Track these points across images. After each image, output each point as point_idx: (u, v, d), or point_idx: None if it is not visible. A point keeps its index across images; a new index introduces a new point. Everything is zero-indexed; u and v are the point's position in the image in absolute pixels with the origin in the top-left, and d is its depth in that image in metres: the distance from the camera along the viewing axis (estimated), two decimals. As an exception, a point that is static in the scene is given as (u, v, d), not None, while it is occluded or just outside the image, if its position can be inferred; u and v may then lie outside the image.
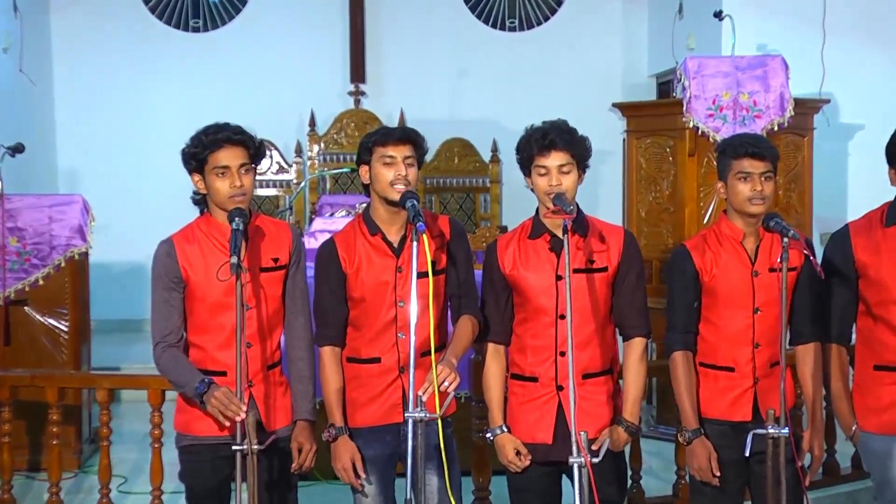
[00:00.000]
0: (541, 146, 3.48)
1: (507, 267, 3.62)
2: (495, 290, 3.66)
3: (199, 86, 10.17)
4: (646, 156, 6.63)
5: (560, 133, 3.50)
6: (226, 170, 3.43)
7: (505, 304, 3.66)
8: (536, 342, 3.59)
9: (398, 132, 3.55)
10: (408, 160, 3.52)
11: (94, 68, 10.13)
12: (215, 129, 3.46)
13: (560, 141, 3.48)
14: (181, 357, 3.51)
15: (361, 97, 10.33)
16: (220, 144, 3.42)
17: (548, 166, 3.48)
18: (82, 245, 6.15)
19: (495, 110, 10.39)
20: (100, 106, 10.12)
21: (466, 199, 10.34)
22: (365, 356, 3.62)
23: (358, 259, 3.59)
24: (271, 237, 3.59)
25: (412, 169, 3.53)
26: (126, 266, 9.74)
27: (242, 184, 3.44)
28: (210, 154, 3.43)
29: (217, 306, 3.49)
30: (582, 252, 3.56)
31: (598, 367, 3.59)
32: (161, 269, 3.51)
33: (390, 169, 3.51)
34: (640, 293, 3.64)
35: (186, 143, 3.50)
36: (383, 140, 3.53)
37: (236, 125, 3.51)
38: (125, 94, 10.15)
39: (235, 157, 3.44)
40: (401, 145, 3.53)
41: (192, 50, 10.28)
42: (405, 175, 3.50)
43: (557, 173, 3.48)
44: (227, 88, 10.13)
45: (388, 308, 3.57)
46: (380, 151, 3.53)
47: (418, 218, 3.26)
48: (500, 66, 10.55)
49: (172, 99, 10.11)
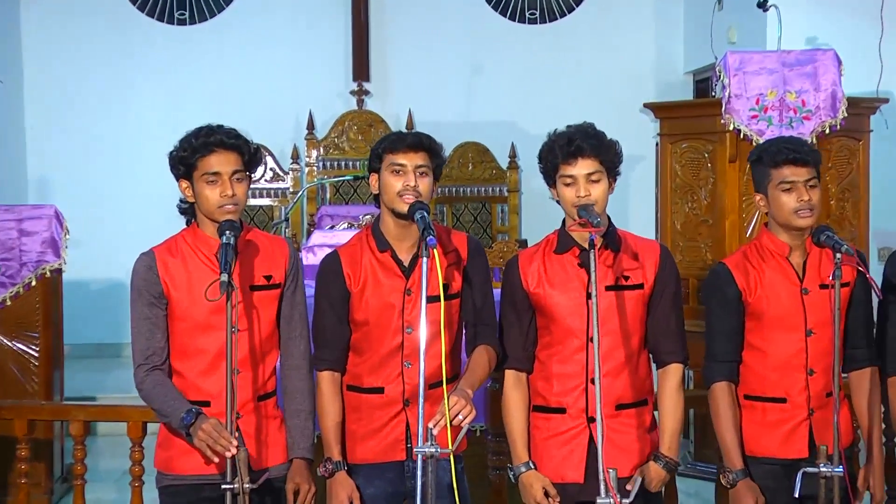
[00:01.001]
0: (566, 153, 3.47)
1: (530, 284, 3.60)
2: (517, 311, 3.65)
3: (186, 84, 10.20)
4: (681, 162, 6.62)
5: (587, 138, 3.49)
6: (216, 177, 3.43)
7: (528, 326, 3.65)
8: (564, 369, 3.57)
9: (410, 138, 3.54)
10: (420, 169, 3.52)
11: (68, 65, 10.16)
12: (207, 131, 3.46)
13: (587, 147, 3.47)
14: (166, 382, 3.50)
15: (365, 97, 10.36)
16: (212, 149, 3.42)
17: (574, 175, 3.47)
18: (55, 261, 6.16)
19: (513, 112, 10.39)
20: (74, 107, 10.15)
21: (482, 210, 10.34)
22: (367, 385, 3.60)
23: (364, 277, 3.59)
24: (265, 253, 3.58)
25: (425, 179, 3.52)
26: (104, 284, 9.76)
27: (234, 193, 3.44)
28: (200, 159, 3.43)
29: (201, 327, 3.48)
30: (613, 268, 3.54)
31: (632, 396, 3.57)
32: (141, 283, 3.51)
33: (399, 178, 3.51)
34: (677, 315, 3.63)
35: (175, 145, 3.50)
36: (393, 146, 3.53)
37: (230, 128, 3.51)
38: (102, 94, 10.18)
39: (228, 163, 3.44)
40: (412, 153, 3.52)
41: (177, 45, 10.31)
42: (415, 185, 3.49)
43: (585, 183, 3.47)
44: (217, 87, 10.16)
45: (394, 334, 3.56)
46: (389, 159, 3.53)
47: (428, 231, 3.25)
48: (519, 62, 10.56)
49: (155, 99, 10.14)
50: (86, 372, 8.73)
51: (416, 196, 3.48)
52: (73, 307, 7.28)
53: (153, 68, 10.26)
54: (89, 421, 5.16)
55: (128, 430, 4.87)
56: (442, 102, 10.36)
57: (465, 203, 10.32)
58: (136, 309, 3.52)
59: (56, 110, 10.15)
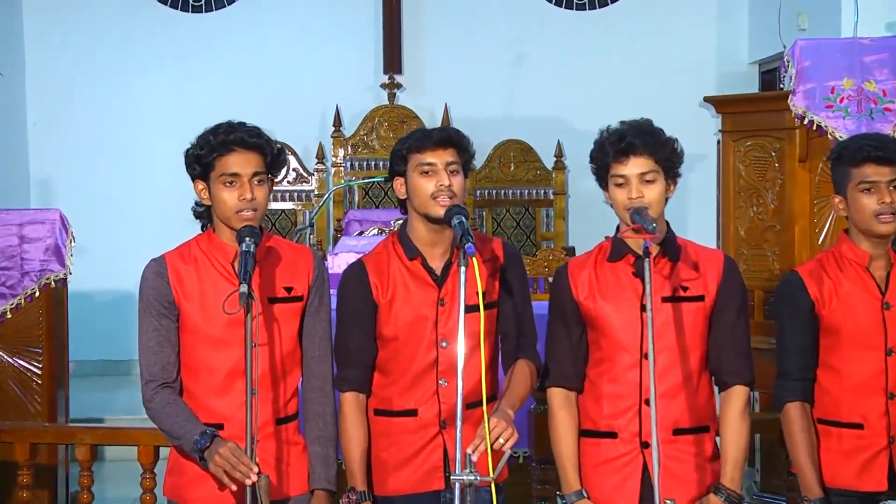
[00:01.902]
0: (617, 151, 3.47)
1: (581, 295, 3.60)
2: (566, 324, 3.64)
3: (201, 78, 10.24)
4: (746, 161, 6.58)
5: (641, 134, 3.48)
6: (235, 178, 3.43)
7: (578, 340, 3.64)
8: (615, 389, 3.55)
9: (437, 134, 3.54)
10: (451, 167, 3.52)
11: (74, 57, 10.22)
12: (227, 128, 3.47)
13: (640, 144, 3.46)
14: (178, 401, 3.50)
15: (397, 91, 10.38)
16: (231, 148, 3.43)
17: (626, 175, 3.47)
18: (60, 270, 6.19)
19: (560, 107, 10.38)
20: (80, 102, 10.22)
21: (525, 215, 10.34)
22: (398, 408, 3.59)
23: (392, 287, 3.58)
24: (287, 263, 3.58)
25: (457, 177, 3.52)
26: (113, 296, 9.82)
27: (254, 196, 3.44)
28: (217, 158, 3.43)
29: (213, 343, 3.49)
30: (670, 278, 3.53)
31: (690, 420, 3.55)
32: (150, 291, 3.51)
33: (430, 179, 3.50)
34: (742, 331, 3.61)
35: (192, 143, 3.51)
36: (420, 145, 3.52)
37: (252, 126, 3.51)
38: (111, 88, 10.23)
39: (248, 163, 3.44)
40: (441, 150, 3.51)
41: (192, 34, 10.36)
42: (449, 185, 3.49)
43: (638, 183, 3.46)
44: (235, 81, 10.20)
45: (427, 349, 3.56)
46: (416, 159, 3.53)
47: (467, 238, 3.24)
48: (566, 52, 10.54)
49: (168, 93, 10.19)
50: (93, 391, 8.77)
51: (451, 196, 3.48)
52: (79, 320, 7.32)
53: (165, 59, 10.30)
54: (96, 445, 5.18)
55: (138, 455, 4.89)
56: (481, 96, 10.37)
57: (506, 207, 10.31)
58: (145, 320, 3.53)
59: (61, 106, 10.21)
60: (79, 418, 6.96)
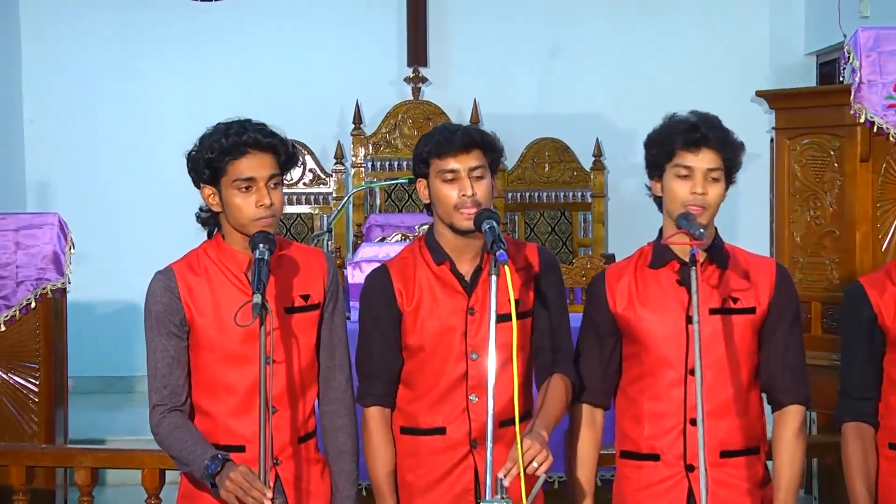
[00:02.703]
0: (689, 140, 3.48)
1: (618, 305, 3.62)
2: (599, 336, 3.66)
3: (211, 71, 10.27)
4: (802, 161, 6.56)
5: (714, 128, 3.51)
6: (251, 183, 3.44)
7: (610, 354, 3.66)
8: (657, 407, 3.56)
9: (459, 137, 3.53)
10: (475, 172, 3.52)
11: (73, 49, 10.23)
12: (238, 128, 3.46)
13: (714, 138, 3.48)
14: (186, 424, 3.51)
15: (422, 85, 10.39)
16: (245, 150, 3.43)
17: (693, 168, 3.48)
18: (58, 279, 6.22)
19: (599, 102, 10.36)
20: (80, 98, 10.23)
21: (560, 220, 10.32)
22: (424, 426, 3.61)
23: (418, 294, 3.60)
24: (302, 268, 3.60)
25: (482, 183, 3.53)
26: (115, 307, 9.86)
27: (272, 201, 3.46)
28: (231, 162, 3.43)
29: (231, 359, 3.50)
30: (719, 288, 3.54)
31: (740, 442, 3.56)
32: (158, 308, 3.52)
33: (453, 187, 3.51)
34: (796, 346, 3.62)
35: (196, 145, 3.50)
36: (440, 150, 3.52)
37: (260, 123, 3.51)
38: (113, 83, 10.25)
39: (263, 166, 3.45)
40: (464, 154, 3.52)
41: (202, 25, 10.35)
42: (472, 194, 3.50)
43: (704, 179, 3.48)
44: (246, 74, 10.24)
45: (456, 361, 3.57)
46: (437, 165, 3.54)
47: (498, 244, 3.25)
48: (605, 43, 10.52)
49: (176, 89, 10.20)
50: (93, 410, 8.82)
51: (476, 205, 3.48)
52: (78, 334, 7.36)
53: (173, 52, 10.31)
54: (97, 468, 5.21)
55: (142, 479, 4.91)
56: (513, 91, 10.37)
57: (540, 211, 10.30)
58: (153, 339, 3.53)
59: (59, 101, 10.23)
60: (78, 439, 7.00)
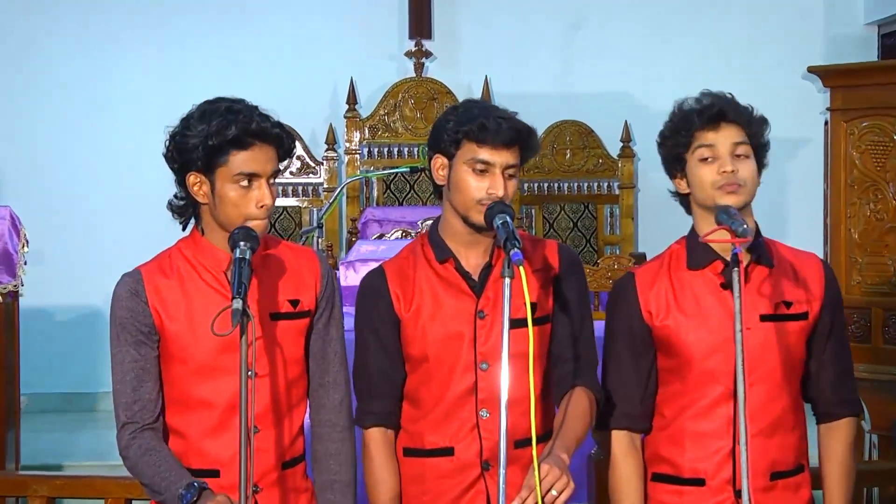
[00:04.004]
0: (705, 117, 3.53)
1: (655, 314, 3.63)
2: (633, 351, 3.67)
3: (187, 46, 10.26)
4: (861, 146, 6.56)
5: (730, 102, 3.56)
6: (253, 178, 3.44)
7: (648, 371, 3.67)
8: (702, 427, 3.58)
9: (507, 130, 3.50)
10: (510, 171, 3.52)
11: (33, 23, 10.20)
12: (245, 115, 3.43)
13: (733, 111, 3.53)
14: (159, 448, 3.51)
15: (426, 60, 10.39)
16: (250, 142, 3.43)
17: (715, 145, 3.51)
18: (9, 282, 6.24)
19: (627, 80, 10.39)
20: (38, 78, 10.21)
21: (584, 214, 10.33)
22: (430, 446, 3.62)
23: (418, 298, 3.61)
24: (290, 270, 3.61)
25: (513, 183, 3.54)
26: (74, 314, 9.87)
27: (272, 199, 3.47)
28: (235, 153, 3.43)
29: (206, 372, 3.50)
30: (769, 291, 3.55)
31: (791, 461, 3.59)
32: (124, 314, 3.52)
33: (483, 179, 3.51)
34: (847, 353, 3.68)
35: (182, 124, 3.46)
36: (482, 136, 3.50)
37: (255, 107, 3.48)
38: (77, 61, 10.23)
39: (268, 160, 3.46)
40: (506, 149, 3.51)
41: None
42: (502, 195, 3.50)
43: (730, 156, 3.51)
44: (228, 48, 10.22)
45: (463, 372, 3.58)
46: (471, 151, 3.52)
47: (512, 242, 3.25)
48: (635, 13, 10.54)
49: (145, 64, 10.21)
50: (50, 431, 8.83)
51: None
52: (32, 344, 7.37)
53: (144, 25, 10.28)
54: (54, 497, 5.21)
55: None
56: (530, 68, 10.39)
57: (560, 203, 10.31)
58: (119, 349, 3.54)
59: (13, 83, 10.20)
60: (32, 465, 7.00)
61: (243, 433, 3.23)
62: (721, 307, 3.55)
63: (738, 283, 3.25)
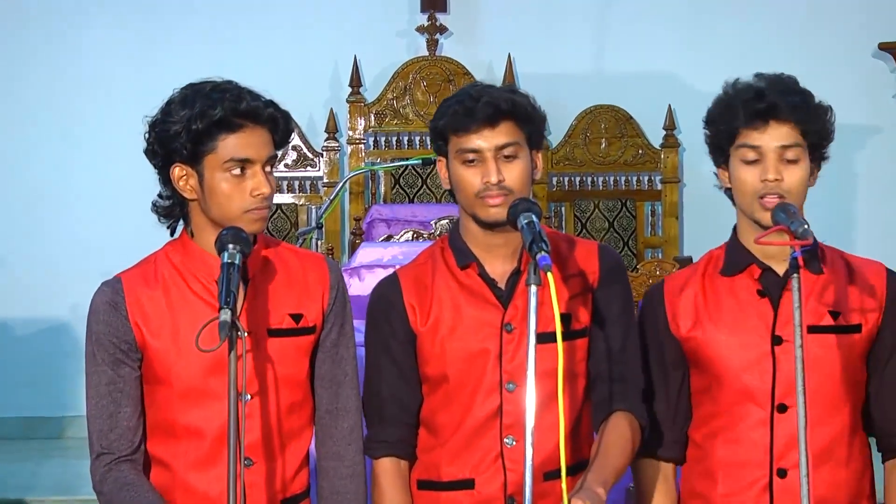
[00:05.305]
0: (752, 112, 3.50)
1: (681, 325, 3.64)
2: (662, 367, 3.69)
3: (169, 22, 10.27)
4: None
5: (785, 93, 3.51)
6: (247, 165, 3.45)
7: (678, 391, 3.69)
8: (736, 454, 3.58)
9: (482, 107, 3.51)
10: (506, 150, 3.53)
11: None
12: (233, 94, 3.44)
13: (785, 106, 3.49)
14: (139, 481, 3.51)
15: (440, 37, 10.41)
16: (242, 123, 3.43)
17: (761, 148, 3.50)
18: (-34, 291, 6.29)
19: (670, 60, 10.41)
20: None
21: (621, 212, 10.34)
22: (448, 478, 3.63)
23: (436, 309, 3.61)
24: (293, 279, 3.61)
25: (514, 165, 3.53)
26: (39, 327, 9.88)
27: (271, 189, 3.49)
28: (224, 138, 3.43)
29: (193, 395, 3.50)
30: (816, 300, 3.54)
31: (844, 501, 3.58)
32: (101, 329, 3.52)
33: (475, 171, 3.53)
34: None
35: (164, 111, 3.47)
36: (457, 124, 3.53)
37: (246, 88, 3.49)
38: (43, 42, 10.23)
39: (262, 144, 3.46)
40: (488, 129, 3.51)
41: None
42: (499, 181, 3.50)
43: (777, 161, 3.49)
44: (216, 25, 10.26)
45: (487, 393, 3.58)
46: (456, 143, 3.56)
47: (539, 245, 3.24)
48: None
49: (121, 43, 10.21)
50: (9, 462, 8.85)
51: (505, 193, 3.49)
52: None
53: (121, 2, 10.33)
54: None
55: (76, 551, 4.95)
56: (560, 45, 10.41)
57: (594, 200, 10.32)
58: (94, 368, 3.53)
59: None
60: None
61: (232, 465, 3.23)
62: (758, 318, 3.55)
63: (799, 291, 3.23)
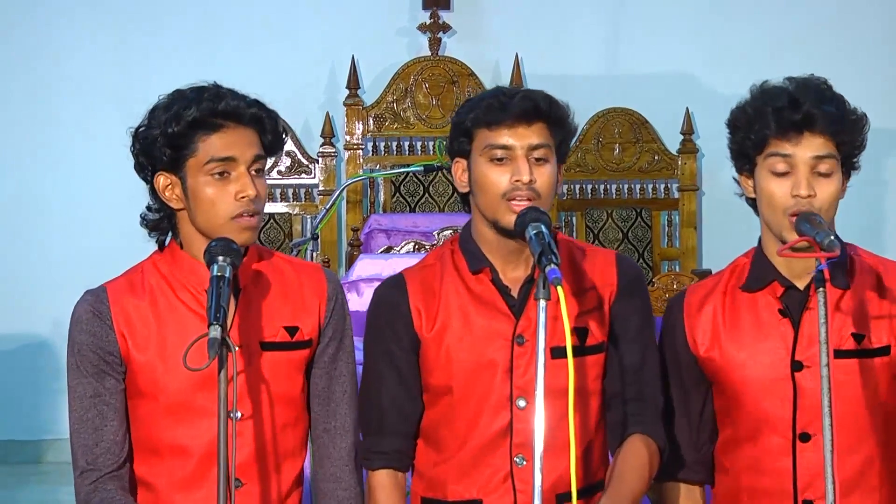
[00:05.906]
0: (785, 122, 3.47)
1: (700, 343, 3.63)
2: (682, 386, 3.69)
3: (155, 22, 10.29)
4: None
5: (821, 101, 3.48)
6: (229, 166, 3.45)
7: (700, 411, 3.69)
8: (759, 482, 3.58)
9: (519, 102, 3.53)
10: (536, 153, 3.53)
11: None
12: (212, 94, 3.46)
13: (821, 117, 3.46)
14: (125, 500, 3.52)
15: (443, 36, 10.43)
16: (222, 123, 3.44)
17: (793, 159, 3.47)
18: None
19: (688, 61, 10.43)
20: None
21: (636, 222, 10.35)
22: (454, 497, 3.63)
23: (444, 314, 3.61)
24: (288, 290, 3.62)
25: (545, 168, 3.54)
26: (17, 344, 9.87)
27: (258, 192, 3.49)
28: (203, 139, 3.44)
29: (179, 411, 3.51)
30: (842, 320, 3.52)
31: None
32: (85, 340, 3.53)
33: (504, 169, 3.52)
34: None
35: (147, 119, 3.49)
36: (491, 117, 3.53)
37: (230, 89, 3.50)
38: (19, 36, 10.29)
39: (246, 144, 3.47)
40: (523, 126, 3.52)
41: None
42: (530, 181, 3.50)
43: (809, 174, 3.47)
44: (203, 25, 10.27)
45: (496, 409, 3.58)
46: (485, 137, 3.55)
47: (548, 257, 3.24)
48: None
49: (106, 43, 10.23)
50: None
51: (532, 197, 3.49)
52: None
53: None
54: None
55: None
56: (570, 45, 10.45)
57: (607, 209, 10.33)
58: (78, 381, 3.55)
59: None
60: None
61: (222, 487, 3.22)
62: (779, 338, 3.54)
63: (825, 307, 3.21)
